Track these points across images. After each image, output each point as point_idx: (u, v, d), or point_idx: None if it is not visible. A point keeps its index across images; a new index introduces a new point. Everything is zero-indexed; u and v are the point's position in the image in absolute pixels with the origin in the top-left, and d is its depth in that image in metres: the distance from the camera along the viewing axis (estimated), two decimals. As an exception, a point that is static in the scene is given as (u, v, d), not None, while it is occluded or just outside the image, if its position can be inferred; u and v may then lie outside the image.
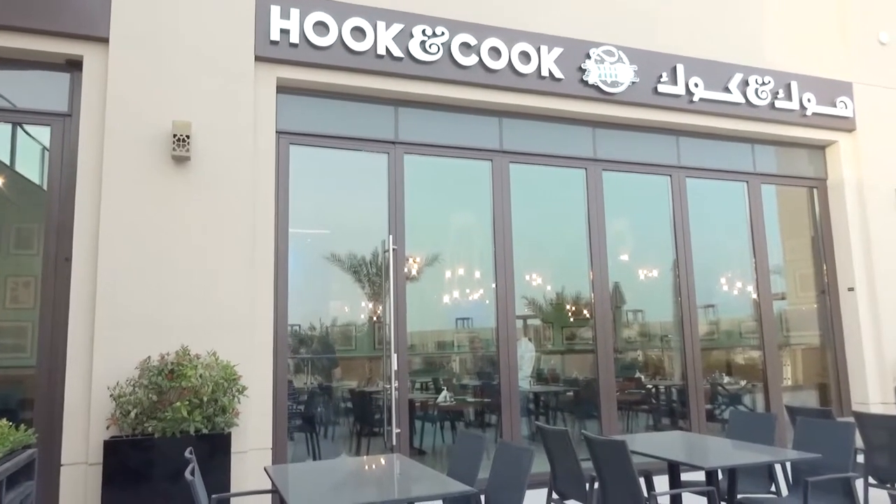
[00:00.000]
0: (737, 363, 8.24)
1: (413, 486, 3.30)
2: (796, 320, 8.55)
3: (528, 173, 7.35)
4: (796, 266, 8.69)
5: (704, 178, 8.14)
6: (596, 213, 7.50)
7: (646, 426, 7.66)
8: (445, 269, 7.05)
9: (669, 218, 7.92)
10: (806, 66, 8.44)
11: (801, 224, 8.80)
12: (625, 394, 7.55)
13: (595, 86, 7.23)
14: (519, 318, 7.18)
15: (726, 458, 3.94)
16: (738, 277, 8.26)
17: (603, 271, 7.43)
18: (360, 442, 6.55)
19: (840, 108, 8.45)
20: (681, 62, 7.68)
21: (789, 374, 8.45)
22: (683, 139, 8.05)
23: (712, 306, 8.13)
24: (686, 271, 7.81)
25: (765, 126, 8.16)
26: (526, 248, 7.21)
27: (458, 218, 7.31)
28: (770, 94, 8.07)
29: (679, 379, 7.73)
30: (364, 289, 6.74)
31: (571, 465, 4.19)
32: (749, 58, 8.13)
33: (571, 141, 7.53)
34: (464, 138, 7.07)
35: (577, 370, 7.59)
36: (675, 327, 7.82)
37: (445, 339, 7.18)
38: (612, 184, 7.66)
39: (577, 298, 7.52)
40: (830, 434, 4.36)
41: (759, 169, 8.44)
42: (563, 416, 7.55)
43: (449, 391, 6.95)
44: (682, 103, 7.64)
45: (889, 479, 4.68)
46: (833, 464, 4.20)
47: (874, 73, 8.80)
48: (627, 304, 7.81)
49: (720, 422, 7.76)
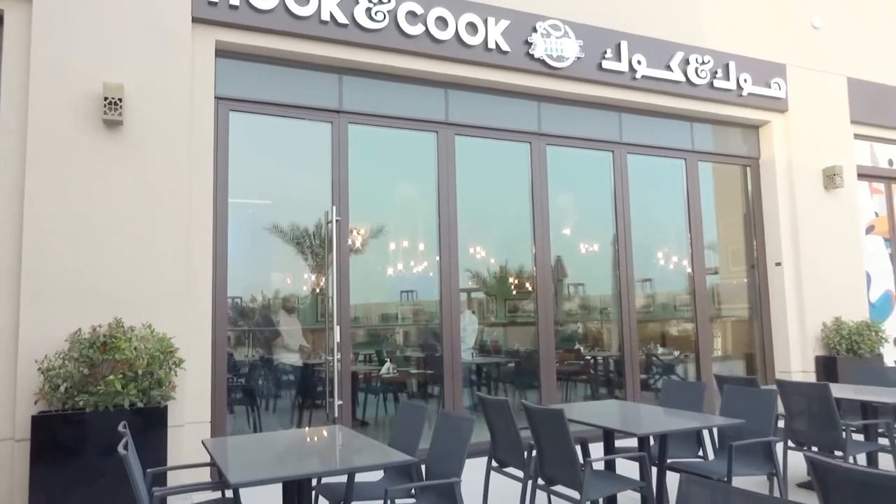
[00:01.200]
0: (671, 335, 8.54)
1: (354, 457, 3.31)
2: (727, 294, 8.90)
3: (474, 146, 7.35)
4: (729, 242, 9.02)
5: (645, 155, 8.32)
6: (540, 187, 7.58)
7: (584, 395, 7.89)
8: (390, 242, 7.01)
9: (610, 193, 8.08)
10: (743, 48, 8.67)
11: (734, 201, 9.12)
12: (564, 364, 7.74)
13: (541, 60, 7.25)
14: (463, 290, 7.23)
15: (658, 425, 4.10)
16: (675, 252, 8.52)
17: (545, 245, 7.54)
18: (301, 414, 6.52)
19: (774, 89, 8.73)
20: (625, 39, 7.77)
21: (720, 345, 8.81)
22: (626, 116, 8.19)
23: (649, 280, 8.37)
24: (625, 246, 8.00)
25: (703, 105, 8.37)
26: (470, 221, 7.24)
27: (402, 190, 7.27)
28: (709, 74, 8.27)
29: (616, 350, 7.97)
30: (307, 260, 6.65)
31: (511, 434, 4.29)
32: (690, 37, 8.30)
33: (517, 114, 7.55)
34: (409, 109, 7.00)
35: (519, 342, 7.72)
36: (613, 300, 8.03)
37: (389, 312, 7.17)
38: (556, 158, 7.75)
39: (521, 272, 7.62)
40: (754, 401, 4.59)
41: (697, 147, 8.67)
42: (504, 386, 7.69)
43: (392, 363, 6.97)
44: (625, 80, 7.75)
45: (805, 441, 4.98)
46: (756, 429, 4.42)
47: (807, 55, 9.11)
48: (569, 277, 7.96)
49: (654, 391, 8.06)
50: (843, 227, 9.02)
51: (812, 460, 2.51)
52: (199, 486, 3.53)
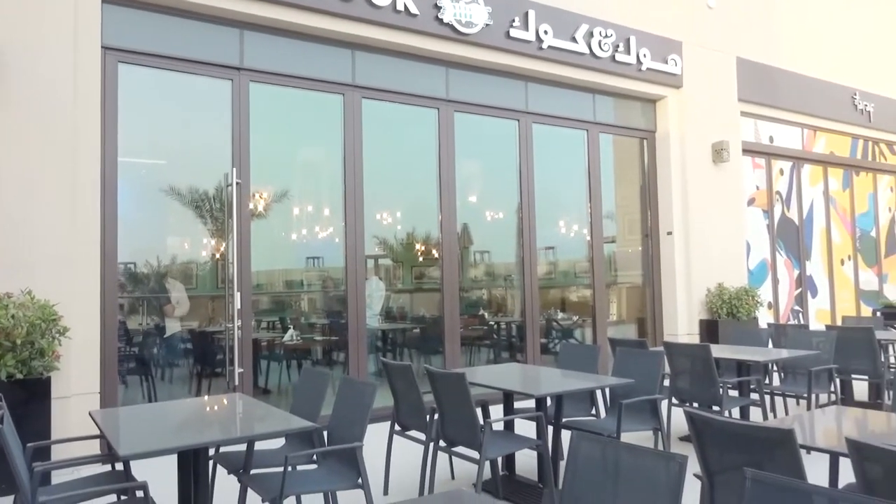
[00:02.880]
0: (570, 300, 8.88)
1: (254, 425, 3.25)
2: (623, 261, 9.34)
3: (381, 110, 7.24)
4: (626, 211, 9.43)
5: (549, 125, 8.49)
6: (447, 154, 7.60)
7: (487, 360, 8.10)
8: (294, 206, 6.85)
9: (516, 162, 8.21)
10: (643, 23, 8.95)
11: (631, 172, 9.52)
12: (469, 330, 7.89)
13: (450, 24, 7.20)
14: (370, 257, 7.19)
15: (554, 387, 4.27)
16: (576, 221, 8.82)
17: (451, 212, 7.59)
18: (200, 384, 6.32)
19: (671, 65, 9.11)
20: (533, 8, 7.83)
21: (615, 310, 9.26)
22: (532, 85, 8.30)
23: (552, 248, 8.64)
24: (529, 214, 8.19)
25: (605, 77, 8.62)
26: (377, 186, 7.17)
27: (307, 153, 7.08)
28: (611, 47, 8.50)
29: (519, 316, 8.20)
30: (206, 225, 6.39)
31: (414, 398, 4.34)
32: (594, 10, 8.47)
33: (425, 80, 7.49)
34: (315, 69, 6.78)
35: (425, 308, 7.80)
36: (517, 267, 8.23)
37: (294, 278, 7.04)
38: (463, 125, 7.77)
39: (427, 238, 7.66)
40: (643, 362, 4.87)
41: (599, 118, 8.94)
42: (410, 352, 7.77)
43: (296, 330, 6.86)
44: (532, 49, 7.84)
45: (688, 398, 5.35)
46: (644, 388, 4.70)
47: (701, 34, 9.55)
48: (475, 244, 8.08)
49: (553, 354, 8.38)
50: (728, 200, 9.63)
51: (690, 415, 2.70)
52: (84, 460, 3.35)
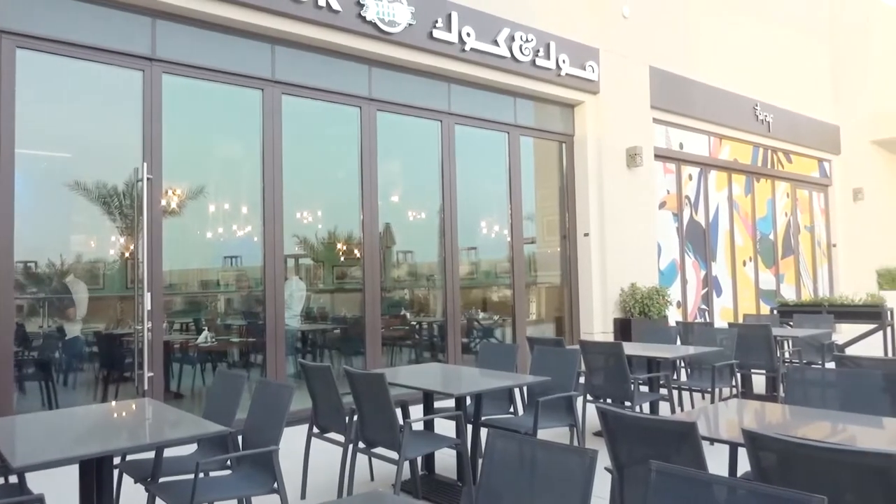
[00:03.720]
0: (491, 300, 9.01)
1: (164, 430, 3.12)
2: (542, 262, 9.56)
3: (302, 107, 7.11)
4: (545, 213, 9.66)
5: (471, 127, 8.59)
6: (369, 153, 7.54)
7: (408, 360, 8.10)
8: (210, 204, 6.62)
9: (438, 163, 8.26)
10: (562, 30, 9.20)
11: (551, 175, 9.76)
12: (390, 330, 7.87)
13: (373, 23, 7.15)
14: (290, 256, 7.05)
15: (473, 386, 4.32)
16: (497, 222, 8.96)
17: (373, 212, 7.55)
18: (106, 389, 6.01)
19: (588, 71, 9.40)
20: (455, 10, 7.89)
21: (535, 310, 9.47)
22: (455, 86, 8.37)
23: (474, 248, 8.74)
24: (451, 215, 8.26)
25: (526, 81, 8.80)
26: (298, 184, 7.04)
27: (224, 149, 6.86)
28: (532, 52, 8.69)
29: (440, 315, 8.25)
30: (115, 222, 6.08)
31: (332, 400, 4.29)
32: (516, 15, 8.63)
33: (347, 78, 7.41)
34: (233, 63, 6.58)
35: (346, 308, 7.72)
36: (439, 267, 8.27)
37: (210, 278, 6.81)
38: (386, 124, 7.74)
39: (349, 238, 7.58)
40: (560, 360, 5.00)
41: (520, 121, 9.12)
42: (330, 353, 7.67)
43: (212, 331, 6.64)
44: (454, 51, 7.90)
45: (602, 394, 5.54)
46: (561, 385, 4.83)
47: (617, 43, 9.90)
48: (397, 244, 8.06)
49: (474, 353, 8.48)
50: (641, 203, 10.03)
51: (602, 410, 2.79)
52: (-26, 474, 3.12)
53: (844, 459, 2.11)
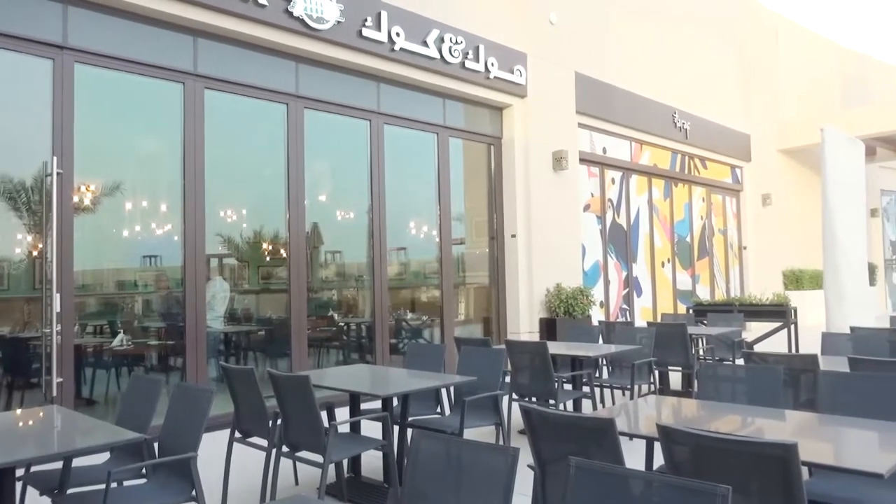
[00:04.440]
0: (420, 301, 9.02)
1: (73, 439, 2.97)
2: (471, 262, 9.65)
3: (226, 102, 6.91)
4: (474, 214, 9.76)
5: (401, 127, 8.57)
6: (296, 151, 7.41)
7: (336, 361, 8.00)
8: (127, 201, 6.34)
9: (367, 162, 8.20)
10: (491, 33, 9.32)
11: (479, 176, 9.86)
12: (317, 331, 7.76)
13: (300, 19, 7.03)
14: (213, 256, 6.84)
15: (400, 386, 4.32)
16: (426, 223, 8.98)
17: (300, 211, 7.42)
18: (11, 396, 5.65)
19: (516, 75, 9.56)
20: (385, 9, 7.86)
21: (463, 310, 9.55)
22: (384, 86, 8.33)
23: (403, 249, 8.73)
24: (379, 215, 8.21)
25: (455, 83, 8.86)
26: (221, 182, 6.84)
27: (143, 144, 6.58)
28: (461, 54, 8.76)
29: (369, 316, 8.19)
30: (22, 219, 5.73)
31: (255, 403, 4.19)
32: (446, 17, 8.68)
33: (274, 74, 7.25)
34: (152, 54, 6.32)
35: (272, 309, 7.55)
36: (367, 268, 8.21)
37: (127, 278, 6.52)
38: (313, 122, 7.62)
39: (276, 237, 7.42)
40: (486, 360, 5.06)
41: (449, 123, 9.17)
42: (255, 355, 7.49)
43: (128, 334, 6.35)
44: (384, 50, 7.86)
45: (527, 393, 5.64)
46: (487, 384, 4.89)
47: (544, 48, 10.11)
48: (326, 244, 7.96)
49: (403, 354, 8.47)
50: (567, 205, 10.29)
51: (525, 409, 2.84)
52: None
53: (748, 450, 2.23)
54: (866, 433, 2.92)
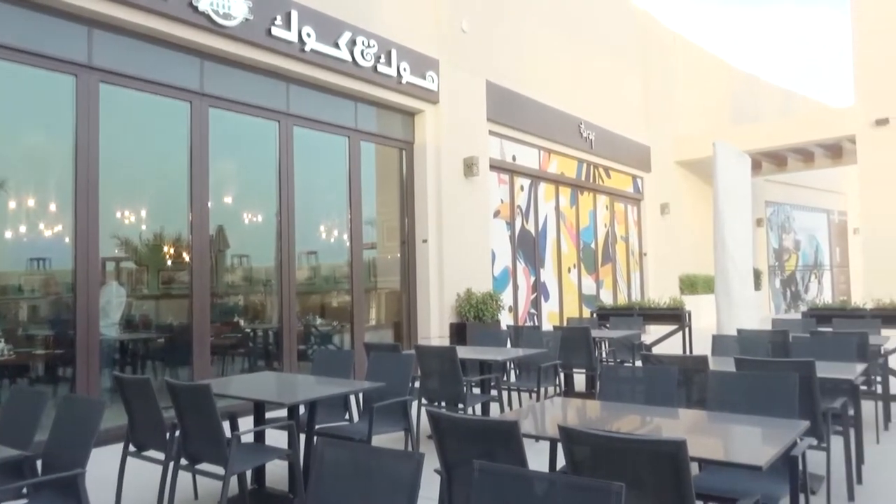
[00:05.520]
0: (331, 306, 8.89)
1: (-61, 460, 2.71)
2: (382, 267, 9.61)
3: (124, 97, 6.57)
4: (385, 218, 9.72)
5: (311, 129, 8.43)
6: (199, 151, 7.13)
7: (241, 369, 7.74)
8: (10, 199, 5.89)
9: (276, 164, 8.00)
10: (404, 39, 9.33)
11: (391, 181, 9.85)
12: (221, 338, 7.48)
13: (206, 14, 6.78)
14: (109, 259, 6.48)
15: (307, 393, 4.23)
16: (337, 227, 8.86)
17: (204, 213, 7.14)
18: None
19: (428, 81, 9.62)
20: (296, 9, 7.72)
21: (374, 315, 9.48)
22: (294, 87, 8.17)
23: (314, 253, 8.57)
24: (288, 218, 8.03)
25: (367, 87, 8.81)
26: (118, 181, 6.48)
27: (29, 139, 6.15)
28: (373, 58, 8.72)
29: (276, 322, 7.99)
30: None
31: (152, 415, 3.98)
32: (358, 19, 8.62)
33: (177, 70, 6.96)
34: (42, 44, 5.91)
35: (173, 315, 7.22)
36: (275, 272, 8.01)
37: (9, 283, 6.06)
38: (219, 122, 7.36)
39: (178, 240, 7.11)
40: (395, 365, 5.04)
41: (361, 126, 9.11)
42: (153, 364, 7.13)
43: (10, 343, 5.89)
44: (294, 50, 7.71)
45: (436, 398, 5.66)
46: (396, 390, 4.87)
47: (456, 55, 10.23)
48: (232, 248, 7.70)
49: (312, 360, 8.30)
50: (477, 211, 10.44)
51: (432, 413, 2.85)
52: None
53: (642, 448, 2.34)
54: (749, 428, 3.12)
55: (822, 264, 25.07)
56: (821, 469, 4.61)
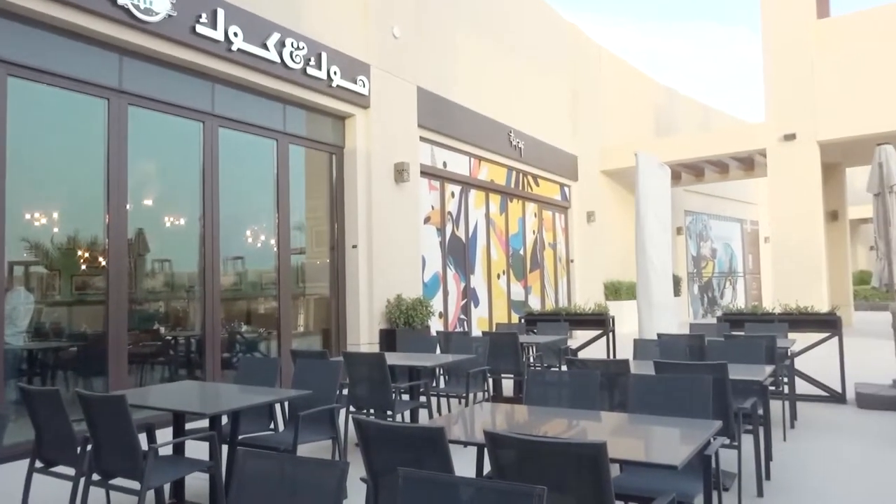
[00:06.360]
0: (257, 312, 8.67)
1: None
2: (311, 273, 9.46)
3: (35, 93, 6.22)
4: (315, 223, 9.58)
5: (238, 131, 8.22)
6: (117, 151, 6.83)
7: (162, 378, 7.44)
8: None
9: (200, 166, 7.76)
10: (335, 42, 9.25)
11: (321, 185, 9.72)
12: (140, 346, 7.17)
13: (125, 8, 6.52)
14: (17, 263, 6.12)
15: (230, 403, 4.10)
16: (264, 231, 8.66)
17: (122, 216, 6.84)
18: None
19: (359, 85, 9.56)
20: (222, 7, 7.52)
21: (302, 322, 9.31)
22: (219, 87, 7.95)
23: (240, 258, 8.34)
24: (212, 222, 7.79)
25: (296, 89, 8.67)
26: (27, 181, 6.12)
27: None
28: (303, 60, 8.59)
29: (199, 329, 7.73)
30: None
31: (61, 428, 3.77)
32: (288, 21, 8.48)
33: (93, 65, 6.65)
34: (-61, 33, 5.53)
35: (88, 323, 6.86)
36: (199, 278, 7.75)
37: None
38: (139, 121, 7.08)
39: (93, 244, 6.77)
40: (323, 372, 4.97)
41: (289, 129, 8.95)
42: (65, 374, 6.75)
43: None
44: (220, 49, 7.51)
45: (364, 405, 5.61)
46: (323, 398, 4.79)
47: (388, 61, 10.22)
48: (152, 252, 7.40)
49: (237, 369, 8.07)
50: (408, 217, 10.44)
51: (358, 421, 2.82)
52: None
53: (564, 451, 2.39)
54: (667, 429, 3.24)
55: (736, 271, 26.39)
56: (733, 466, 4.84)
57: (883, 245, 7.53)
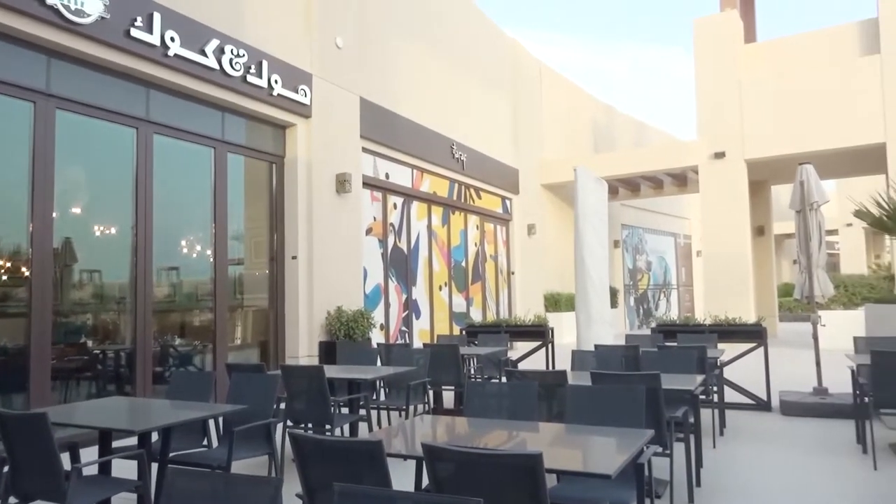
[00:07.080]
0: (192, 324, 8.40)
1: None
2: (249, 284, 9.25)
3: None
4: (254, 234, 9.39)
5: (173, 138, 8.00)
6: (43, 156, 6.53)
7: (88, 394, 7.12)
8: None
9: (132, 173, 7.50)
10: (276, 50, 9.14)
11: (260, 195, 9.54)
12: (65, 361, 6.84)
13: (55, 8, 6.27)
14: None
15: (160, 419, 3.96)
16: (200, 241, 8.43)
17: (47, 224, 6.54)
18: None
19: (301, 94, 9.46)
20: (159, 11, 7.32)
21: (240, 334, 9.08)
22: (154, 93, 7.73)
23: (175, 269, 8.08)
24: (145, 231, 7.54)
25: (235, 97, 8.51)
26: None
27: None
28: (243, 68, 8.45)
29: (130, 342, 7.44)
30: None
31: (-25, 449, 3.56)
32: (228, 27, 8.33)
33: (19, 66, 6.36)
34: None
35: (7, 336, 6.50)
36: (130, 289, 7.47)
37: None
38: (68, 126, 6.80)
39: (15, 253, 6.44)
40: (259, 386, 4.85)
41: (228, 138, 8.76)
42: (-19, 391, 6.37)
43: None
44: (156, 54, 7.30)
45: (303, 419, 5.50)
46: (260, 412, 4.68)
47: (330, 71, 10.16)
48: (80, 262, 7.08)
49: (169, 383, 7.79)
50: (349, 228, 10.36)
51: (293, 436, 2.77)
52: None
53: (500, 462, 2.41)
54: (602, 439, 3.30)
55: (670, 283, 27.26)
56: (665, 474, 4.97)
57: (804, 259, 7.93)
